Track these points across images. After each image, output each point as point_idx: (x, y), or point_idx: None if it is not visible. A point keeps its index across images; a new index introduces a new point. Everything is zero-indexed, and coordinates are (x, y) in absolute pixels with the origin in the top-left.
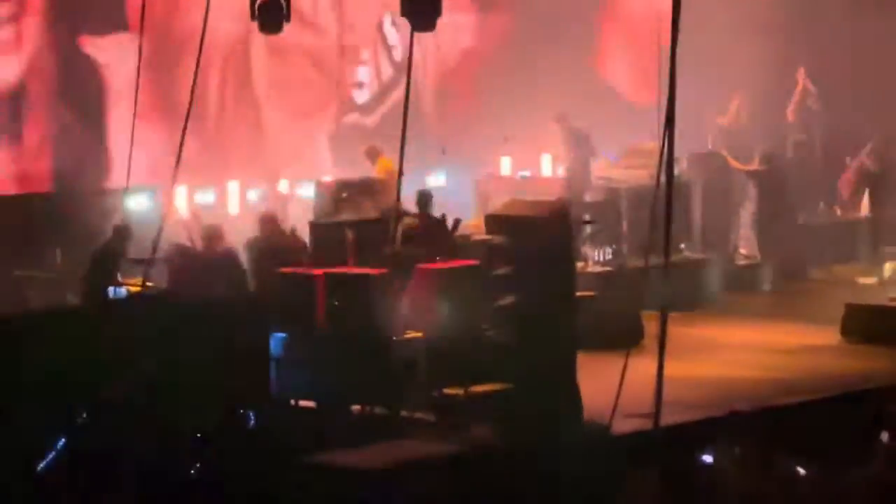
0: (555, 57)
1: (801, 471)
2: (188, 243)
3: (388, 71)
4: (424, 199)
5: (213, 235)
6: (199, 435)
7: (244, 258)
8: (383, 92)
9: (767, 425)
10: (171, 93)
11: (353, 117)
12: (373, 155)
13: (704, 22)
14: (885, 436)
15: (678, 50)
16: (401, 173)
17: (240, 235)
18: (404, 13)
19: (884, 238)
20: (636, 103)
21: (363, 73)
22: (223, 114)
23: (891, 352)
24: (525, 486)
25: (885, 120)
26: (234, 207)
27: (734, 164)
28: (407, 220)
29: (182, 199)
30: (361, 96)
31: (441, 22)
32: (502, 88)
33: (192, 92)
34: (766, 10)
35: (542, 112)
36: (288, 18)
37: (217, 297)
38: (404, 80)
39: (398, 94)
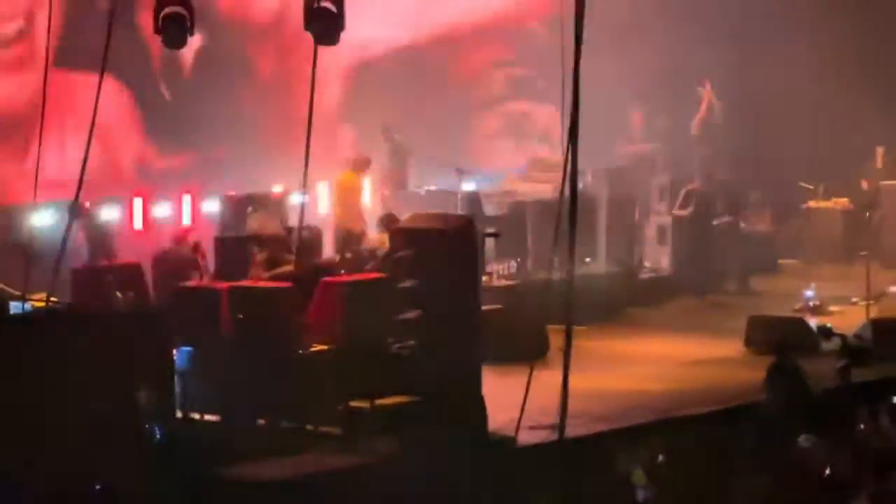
0: None
1: None
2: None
3: None
4: None
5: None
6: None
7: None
8: None
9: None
10: None
11: None
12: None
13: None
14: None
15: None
16: (305, 185)
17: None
18: (307, 27)
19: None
20: None
21: None
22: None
23: None
24: (429, 497)
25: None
26: (137, 222)
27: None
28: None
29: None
30: None
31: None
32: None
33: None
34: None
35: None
36: (191, 32)
37: (120, 311)
38: None
39: None
